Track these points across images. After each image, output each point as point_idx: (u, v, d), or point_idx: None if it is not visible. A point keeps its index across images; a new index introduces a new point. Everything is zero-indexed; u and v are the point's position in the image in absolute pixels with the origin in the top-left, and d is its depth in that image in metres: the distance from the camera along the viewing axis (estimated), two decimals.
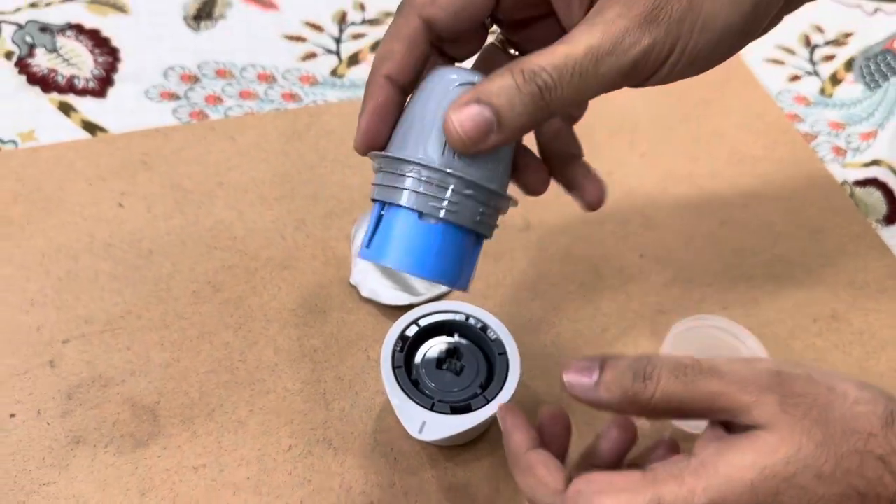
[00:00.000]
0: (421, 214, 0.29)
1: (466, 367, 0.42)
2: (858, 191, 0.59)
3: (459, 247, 0.30)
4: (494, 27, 0.34)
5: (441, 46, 0.33)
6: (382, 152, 0.30)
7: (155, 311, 0.47)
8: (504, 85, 0.27)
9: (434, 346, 0.42)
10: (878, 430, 0.28)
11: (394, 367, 0.40)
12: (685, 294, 0.51)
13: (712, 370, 0.29)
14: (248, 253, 0.50)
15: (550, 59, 0.27)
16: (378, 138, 0.31)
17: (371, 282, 0.48)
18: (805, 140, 0.61)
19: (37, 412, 0.43)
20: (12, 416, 0.42)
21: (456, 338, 0.43)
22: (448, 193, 0.29)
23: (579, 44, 0.27)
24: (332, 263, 0.50)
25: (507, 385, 0.40)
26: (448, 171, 0.29)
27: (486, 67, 0.34)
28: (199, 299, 0.48)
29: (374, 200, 0.31)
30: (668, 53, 0.29)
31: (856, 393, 0.29)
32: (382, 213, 0.30)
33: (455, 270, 0.31)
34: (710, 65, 0.30)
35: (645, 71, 0.29)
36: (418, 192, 0.29)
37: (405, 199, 0.29)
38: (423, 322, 0.42)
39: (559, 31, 0.31)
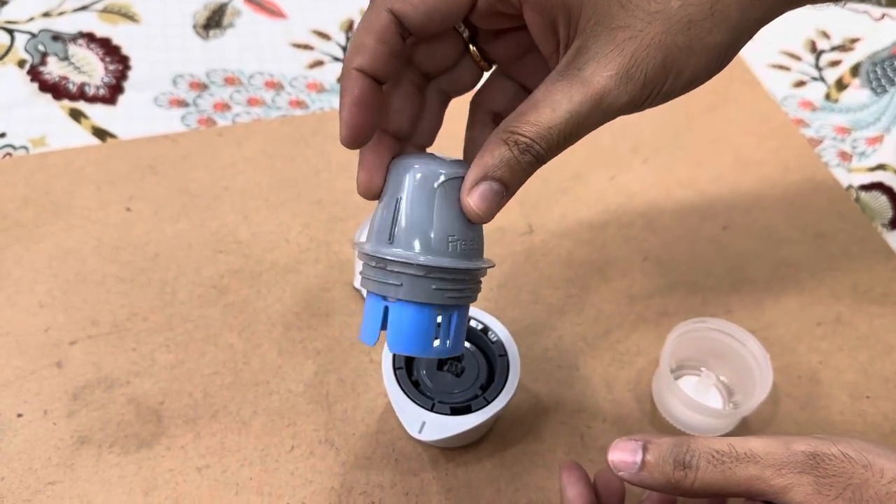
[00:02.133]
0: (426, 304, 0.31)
1: (467, 368, 0.42)
2: (864, 195, 0.58)
3: (463, 319, 0.33)
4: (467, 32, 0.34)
5: (413, 56, 0.33)
6: (385, 252, 0.31)
7: (160, 314, 0.47)
8: (503, 158, 0.29)
9: None
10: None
11: (394, 368, 0.41)
12: (688, 297, 0.51)
13: (749, 456, 0.30)
14: (252, 256, 0.51)
15: (537, 129, 0.29)
16: (361, 131, 0.31)
17: None
18: (810, 145, 0.61)
19: (43, 412, 0.43)
20: (19, 415, 0.43)
21: None
22: (457, 284, 0.32)
23: (560, 110, 0.29)
24: (336, 267, 0.50)
25: (507, 387, 0.40)
26: (452, 266, 0.31)
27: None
28: (204, 302, 0.48)
29: (377, 295, 0.32)
30: (647, 99, 0.30)
31: (893, 471, 0.29)
32: (386, 305, 0.32)
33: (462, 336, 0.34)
34: (695, 86, 0.32)
35: (625, 113, 0.30)
36: (434, 290, 0.31)
37: (416, 294, 0.31)
38: None
39: (532, 45, 0.32)
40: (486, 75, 0.35)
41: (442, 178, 0.30)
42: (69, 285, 0.48)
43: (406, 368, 0.41)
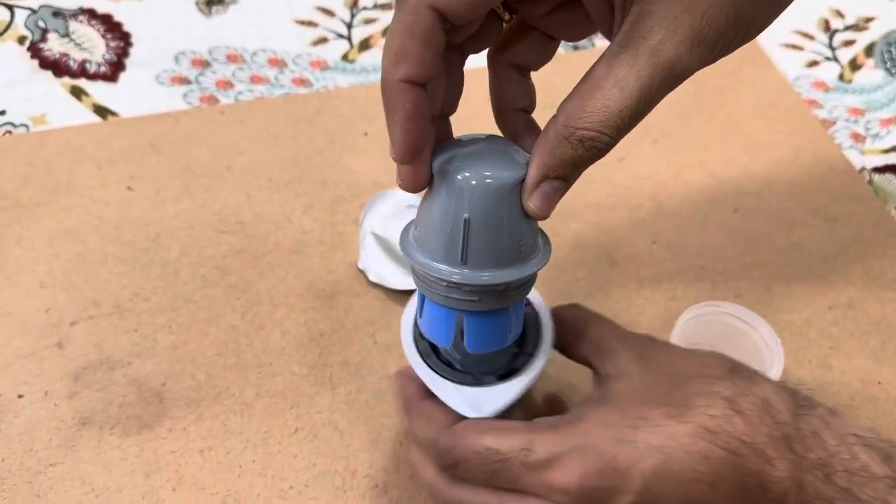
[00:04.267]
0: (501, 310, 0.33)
1: None
2: (877, 178, 0.57)
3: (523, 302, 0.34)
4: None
5: (450, 39, 0.29)
6: (462, 276, 0.31)
7: (162, 295, 0.47)
8: (565, 157, 0.28)
9: None
10: (724, 374, 0.31)
11: (423, 358, 0.37)
12: (698, 281, 0.50)
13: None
14: (255, 237, 0.50)
15: (603, 117, 0.27)
16: (418, 144, 0.28)
17: (378, 266, 0.48)
18: (823, 126, 0.60)
19: (44, 393, 0.43)
20: (20, 396, 0.43)
21: None
22: (526, 284, 0.33)
23: (628, 88, 0.26)
24: (340, 248, 0.50)
25: (543, 336, 0.37)
26: (527, 275, 0.31)
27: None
28: (206, 283, 0.48)
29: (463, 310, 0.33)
30: (714, 59, 0.28)
31: (706, 354, 0.33)
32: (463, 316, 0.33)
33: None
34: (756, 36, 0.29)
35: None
36: (509, 296, 0.32)
37: (493, 304, 0.32)
38: None
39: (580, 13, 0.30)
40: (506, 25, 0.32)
41: (507, 190, 0.29)
42: (70, 265, 0.48)
43: (435, 353, 0.37)
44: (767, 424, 0.29)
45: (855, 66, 0.65)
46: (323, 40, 0.63)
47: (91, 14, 0.62)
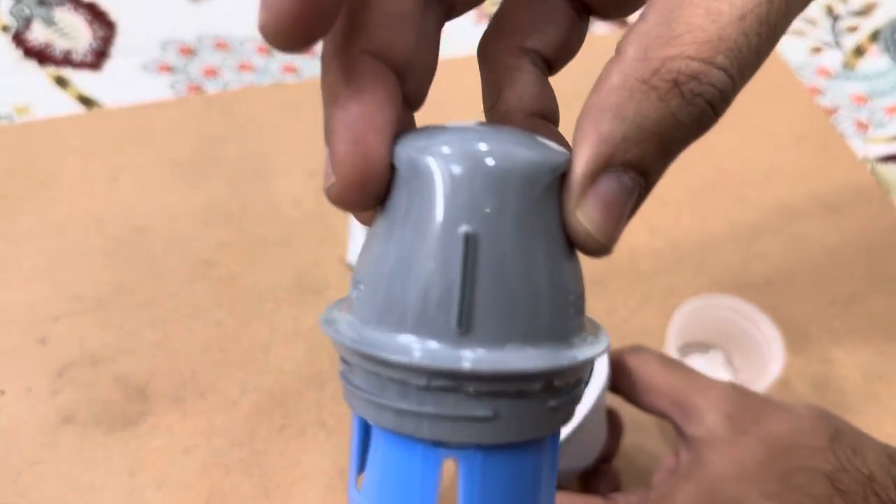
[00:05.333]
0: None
1: None
2: (881, 167, 0.56)
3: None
4: None
5: None
6: (462, 362, 0.15)
7: (147, 289, 0.46)
8: (646, 119, 0.15)
9: None
10: (825, 443, 0.28)
11: None
12: (697, 274, 0.49)
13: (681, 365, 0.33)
14: (242, 230, 0.49)
15: (713, 35, 0.15)
16: (375, 178, 0.16)
17: None
18: (826, 114, 0.59)
19: (27, 390, 0.42)
20: (2, 393, 0.42)
21: None
22: (579, 382, 0.18)
23: None
24: (329, 241, 0.49)
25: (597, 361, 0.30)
26: (588, 357, 0.17)
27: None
28: (192, 277, 0.47)
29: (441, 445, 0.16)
30: None
31: (803, 410, 0.30)
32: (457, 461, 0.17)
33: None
34: None
35: None
36: (550, 409, 0.17)
37: (523, 427, 0.16)
38: None
39: None
40: None
41: (540, 184, 0.16)
42: (53, 259, 0.47)
43: None
44: None
45: (859, 52, 0.64)
46: None
47: (76, 2, 0.61)
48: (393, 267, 0.16)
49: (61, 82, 0.56)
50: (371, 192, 0.16)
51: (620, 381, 0.33)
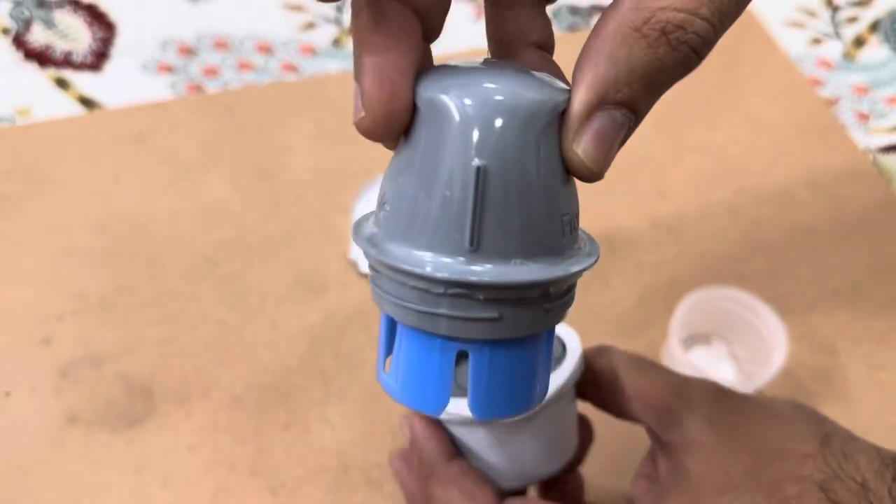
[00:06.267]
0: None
1: None
2: (882, 157, 0.56)
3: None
4: None
5: None
6: (473, 274, 0.19)
7: (150, 288, 0.46)
8: (636, 63, 0.17)
9: None
10: (815, 449, 0.26)
11: None
12: (699, 265, 0.49)
13: (662, 367, 0.29)
14: (244, 228, 0.49)
15: None
16: (399, 114, 0.19)
17: None
18: (827, 105, 0.59)
19: (31, 390, 0.42)
20: (7, 394, 0.42)
21: None
22: (571, 288, 0.21)
23: None
24: (331, 238, 0.49)
25: (569, 349, 0.30)
26: (581, 269, 0.20)
27: None
28: (194, 275, 0.47)
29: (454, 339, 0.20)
30: None
31: (790, 412, 0.27)
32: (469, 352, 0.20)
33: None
34: None
35: None
36: (547, 312, 0.20)
37: (523, 326, 0.20)
38: None
39: None
40: None
41: (541, 121, 0.18)
42: (56, 259, 0.47)
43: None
44: None
45: (859, 43, 0.63)
46: (311, 25, 0.61)
47: (75, 3, 0.61)
48: (414, 194, 0.19)
49: (62, 84, 0.56)
50: (396, 126, 0.19)
51: (587, 385, 0.30)
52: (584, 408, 0.33)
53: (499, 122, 0.18)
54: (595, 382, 0.30)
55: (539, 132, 0.18)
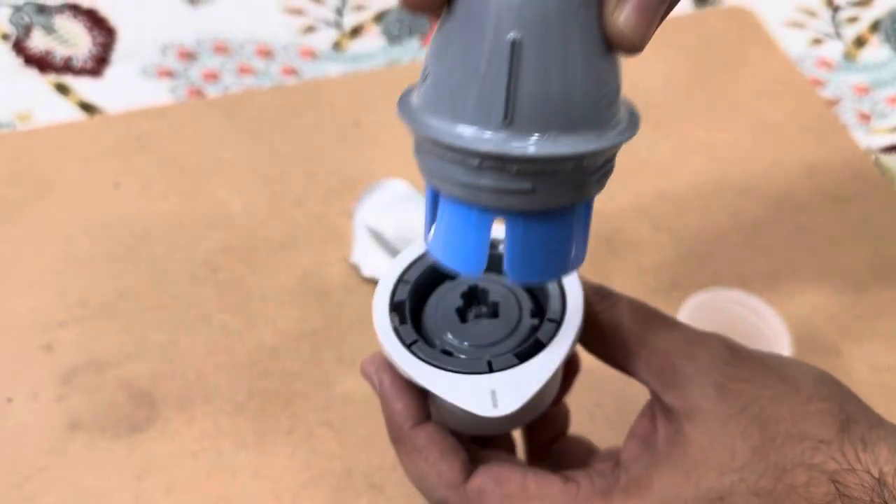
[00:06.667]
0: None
1: (501, 301, 0.28)
2: (884, 158, 0.56)
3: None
4: None
5: None
6: (509, 148, 0.19)
7: (151, 293, 0.46)
8: None
9: (443, 298, 0.29)
10: (832, 435, 0.23)
11: (407, 346, 0.27)
12: (701, 267, 0.49)
13: (671, 321, 0.26)
14: (245, 232, 0.49)
15: None
16: None
17: (372, 260, 0.46)
18: (827, 106, 0.59)
19: (33, 396, 0.42)
20: (9, 400, 0.42)
21: (464, 278, 0.29)
22: (609, 162, 0.22)
23: None
24: (332, 242, 0.49)
25: (570, 296, 0.27)
26: (617, 143, 0.20)
27: None
28: (196, 280, 0.47)
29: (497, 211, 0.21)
30: None
31: (812, 387, 0.24)
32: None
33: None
34: None
35: None
36: (581, 183, 0.21)
37: (556, 197, 0.21)
38: (411, 275, 0.29)
39: None
40: None
41: None
42: (57, 265, 0.47)
43: (424, 339, 0.28)
44: None
45: (860, 43, 0.63)
46: (311, 29, 0.61)
47: (75, 9, 0.61)
48: (452, 66, 0.19)
49: (62, 89, 0.56)
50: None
51: (587, 333, 0.27)
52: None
53: None
54: (595, 333, 0.27)
55: (576, 3, 0.18)
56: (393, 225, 0.47)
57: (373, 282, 0.47)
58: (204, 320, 0.45)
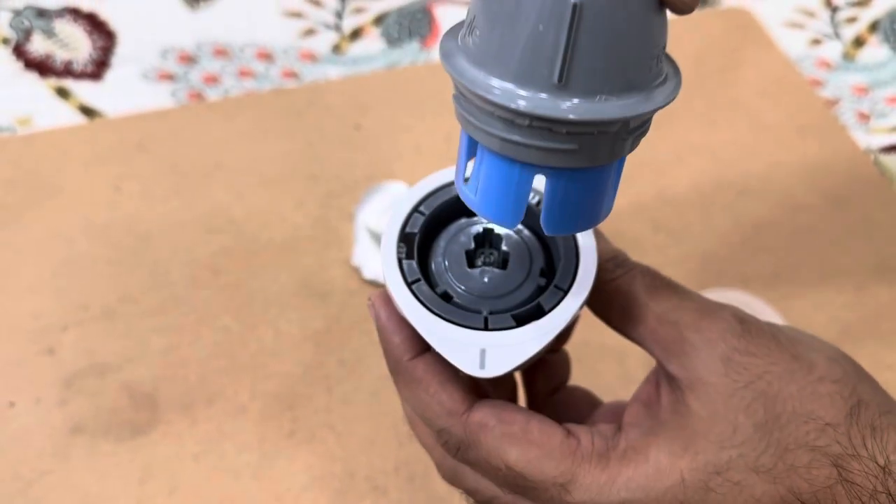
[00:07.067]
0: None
1: (512, 252, 0.27)
2: (884, 157, 0.56)
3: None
4: None
5: None
6: (559, 109, 0.19)
7: (153, 297, 0.46)
8: None
9: (455, 236, 0.28)
10: (840, 418, 0.22)
11: (408, 284, 0.26)
12: (702, 268, 0.49)
13: (680, 288, 0.26)
14: (247, 235, 0.49)
15: None
16: None
17: (373, 263, 0.47)
18: (827, 106, 0.59)
19: (36, 400, 0.42)
20: (12, 404, 0.42)
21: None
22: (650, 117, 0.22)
23: None
24: (334, 244, 0.49)
25: (583, 263, 0.26)
26: (662, 104, 0.20)
27: None
28: (197, 283, 0.47)
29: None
30: None
31: (824, 366, 0.23)
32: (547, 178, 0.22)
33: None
34: None
35: None
36: (622, 142, 0.21)
37: (596, 156, 0.21)
38: (427, 206, 0.28)
39: None
40: None
41: None
42: (58, 269, 0.47)
43: (426, 278, 0.26)
44: None
45: (859, 43, 0.63)
46: (311, 32, 0.62)
47: (76, 13, 0.61)
48: (506, 24, 0.19)
49: (62, 93, 0.56)
50: None
51: (595, 296, 0.26)
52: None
53: None
54: (603, 297, 0.26)
55: None
56: None
57: (374, 284, 0.47)
58: (205, 323, 0.45)
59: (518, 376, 0.33)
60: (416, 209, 0.27)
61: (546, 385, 0.31)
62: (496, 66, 0.19)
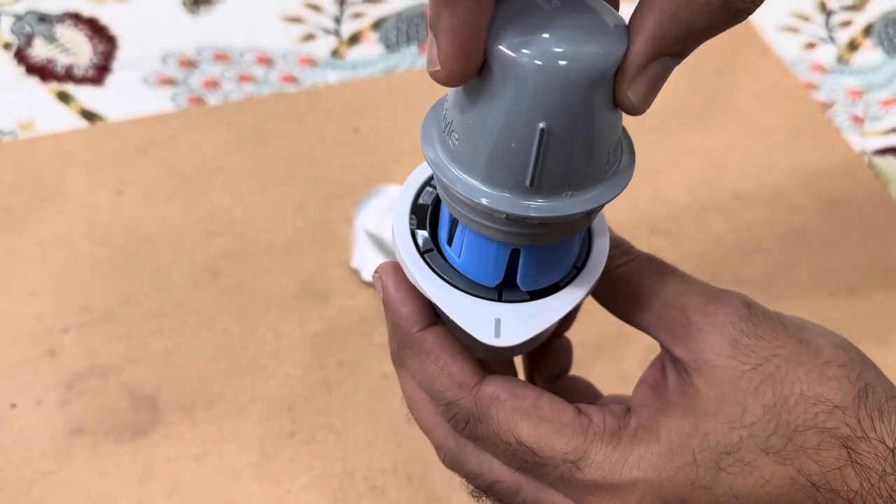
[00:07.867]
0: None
1: None
2: (877, 160, 0.57)
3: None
4: None
5: None
6: (529, 208, 0.22)
7: (154, 299, 0.46)
8: (695, 24, 0.19)
9: None
10: (848, 401, 0.23)
11: (421, 253, 0.26)
12: (697, 270, 0.49)
13: (686, 276, 0.26)
14: (247, 238, 0.49)
15: None
16: (473, 70, 0.20)
17: (372, 265, 0.47)
18: (822, 109, 0.59)
19: (37, 402, 0.42)
20: (13, 406, 0.42)
21: None
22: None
23: None
24: (333, 247, 0.49)
25: (595, 246, 0.27)
26: (613, 196, 0.22)
27: None
28: (198, 286, 0.47)
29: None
30: None
31: (830, 351, 0.24)
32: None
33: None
34: None
35: None
36: (584, 220, 0.24)
37: (563, 233, 0.24)
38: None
39: None
40: None
41: (604, 79, 0.20)
42: (60, 272, 0.47)
43: (437, 249, 0.27)
44: (890, 486, 0.22)
45: (853, 47, 0.64)
46: (311, 37, 0.62)
47: (76, 18, 0.62)
48: (481, 135, 0.21)
49: (64, 97, 0.57)
50: (468, 78, 0.20)
51: (601, 287, 0.27)
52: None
53: (565, 87, 0.20)
54: (608, 284, 0.27)
55: (599, 89, 0.20)
56: (392, 230, 0.48)
57: (373, 286, 0.47)
58: (206, 325, 0.45)
59: (518, 363, 0.33)
60: (428, 182, 0.28)
61: (549, 371, 0.31)
62: (475, 167, 0.22)
